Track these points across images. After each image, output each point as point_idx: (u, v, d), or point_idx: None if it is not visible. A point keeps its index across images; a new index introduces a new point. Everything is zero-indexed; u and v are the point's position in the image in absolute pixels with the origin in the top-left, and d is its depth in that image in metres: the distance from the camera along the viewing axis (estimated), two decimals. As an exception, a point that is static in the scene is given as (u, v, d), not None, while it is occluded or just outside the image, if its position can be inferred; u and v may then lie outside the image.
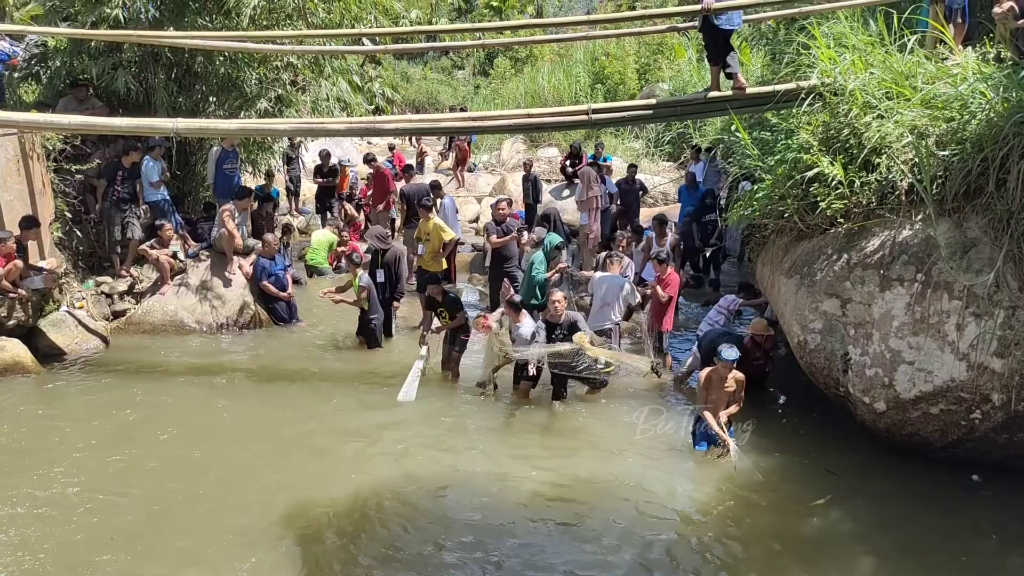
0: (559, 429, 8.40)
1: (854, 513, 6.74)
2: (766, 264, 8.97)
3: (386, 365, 10.08)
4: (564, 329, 8.64)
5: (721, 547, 6.33)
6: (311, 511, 6.61)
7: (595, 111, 9.72)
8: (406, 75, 33.49)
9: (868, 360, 7.24)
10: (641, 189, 15.28)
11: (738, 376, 7.64)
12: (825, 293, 7.54)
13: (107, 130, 10.51)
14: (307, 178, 18.27)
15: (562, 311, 8.69)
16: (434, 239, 11.25)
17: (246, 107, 12.48)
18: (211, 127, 10.76)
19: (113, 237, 11.26)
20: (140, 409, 8.55)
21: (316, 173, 16.33)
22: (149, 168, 11.34)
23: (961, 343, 6.72)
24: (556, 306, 8.69)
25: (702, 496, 7.05)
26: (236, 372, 9.76)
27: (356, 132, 13.29)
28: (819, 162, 7.65)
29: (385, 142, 19.88)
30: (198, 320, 11.04)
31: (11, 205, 9.84)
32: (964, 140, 6.87)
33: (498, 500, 6.91)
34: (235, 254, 11.57)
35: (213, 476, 7.20)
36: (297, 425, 8.34)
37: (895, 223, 7.22)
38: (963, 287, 6.68)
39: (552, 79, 24.37)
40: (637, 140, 21.92)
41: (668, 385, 9.54)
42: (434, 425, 8.48)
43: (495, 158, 22.80)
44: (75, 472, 7.15)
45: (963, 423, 6.95)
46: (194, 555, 6.04)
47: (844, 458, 7.59)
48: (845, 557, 6.17)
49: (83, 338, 10.28)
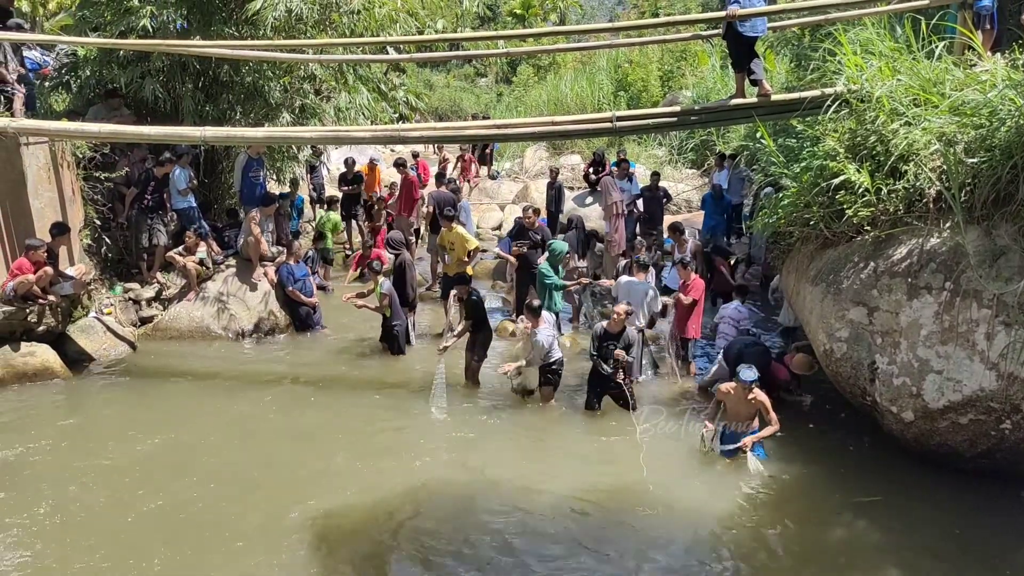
0: (583, 438, 8.37)
1: (882, 523, 6.66)
2: (791, 272, 8.91)
3: (409, 371, 10.13)
4: (621, 342, 8.69)
5: (747, 557, 6.30)
6: (334, 519, 6.65)
7: (619, 118, 9.70)
8: (429, 83, 33.67)
9: (895, 369, 7.17)
10: (665, 196, 15.21)
11: (759, 397, 7.57)
12: (852, 301, 7.48)
13: (136, 138, 10.66)
14: (331, 185, 18.35)
15: (622, 323, 8.72)
16: (458, 248, 11.30)
17: (271, 116, 12.62)
18: (237, 135, 10.86)
19: (140, 244, 11.44)
20: (166, 415, 8.64)
21: (341, 181, 16.40)
22: (177, 176, 11.50)
23: (991, 352, 6.63)
24: (616, 317, 8.72)
25: (727, 505, 7.00)
26: (261, 379, 9.82)
27: (380, 140, 13.33)
28: (845, 169, 7.59)
29: (409, 150, 19.93)
30: (224, 326, 11.14)
31: (42, 212, 9.99)
32: (993, 147, 6.79)
33: (522, 509, 6.90)
34: (260, 260, 11.66)
35: (237, 483, 7.25)
36: (321, 432, 8.38)
37: (923, 231, 7.15)
38: (992, 295, 6.60)
39: (575, 86, 24.39)
40: (660, 147, 21.87)
41: (692, 393, 9.49)
42: (457, 432, 8.50)
43: (518, 165, 22.82)
44: (102, 478, 7.23)
45: (993, 433, 6.86)
46: (217, 562, 6.08)
47: (871, 468, 7.52)
48: (873, 568, 6.11)
49: (111, 344, 10.41)
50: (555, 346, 8.96)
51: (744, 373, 7.45)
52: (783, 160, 9.07)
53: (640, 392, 9.35)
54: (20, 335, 9.41)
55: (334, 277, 14.28)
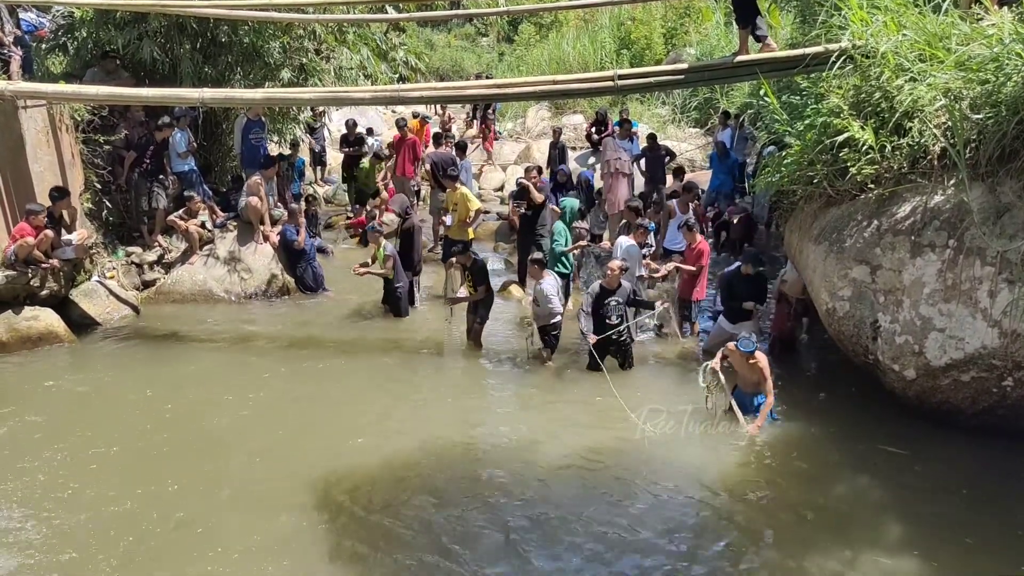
0: (585, 398, 8.40)
1: (883, 481, 6.70)
2: (794, 231, 8.87)
3: (412, 333, 10.16)
4: (619, 296, 8.71)
5: (748, 514, 6.34)
6: (341, 479, 6.70)
7: (621, 77, 9.59)
8: (430, 42, 33.34)
9: (898, 327, 7.16)
10: (667, 155, 15.00)
11: (760, 363, 7.57)
12: (854, 260, 7.45)
13: (134, 100, 10.58)
14: (332, 147, 18.27)
15: (618, 279, 8.74)
16: (461, 209, 11.26)
17: (270, 77, 12.50)
18: (236, 97, 10.77)
19: (141, 207, 11.41)
20: (170, 378, 8.69)
21: (342, 143, 16.30)
22: (176, 139, 11.45)
23: (993, 310, 6.62)
24: (611, 274, 8.75)
25: (730, 464, 7.05)
26: (264, 341, 9.86)
27: (381, 101, 13.23)
28: (849, 127, 7.51)
29: (409, 111, 19.81)
30: (226, 289, 11.16)
31: (41, 176, 9.95)
32: (999, 103, 6.70)
33: (527, 468, 6.96)
34: (261, 223, 11.64)
35: (242, 445, 7.31)
36: (325, 394, 8.43)
37: (927, 188, 7.10)
38: (996, 253, 6.57)
39: (577, 45, 24.10)
40: (663, 106, 21.67)
41: (695, 354, 9.52)
42: (460, 393, 8.56)
43: (520, 126, 22.66)
44: (108, 441, 7.29)
45: (994, 390, 6.88)
46: (223, 526, 6.15)
47: (872, 426, 7.55)
48: (875, 524, 6.15)
49: (114, 307, 10.44)
50: (557, 304, 8.98)
51: (743, 343, 7.44)
52: (787, 118, 8.98)
53: (643, 353, 9.39)
54: (23, 300, 9.43)
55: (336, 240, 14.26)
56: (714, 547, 5.99)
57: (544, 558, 5.77)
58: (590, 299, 8.71)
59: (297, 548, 5.87)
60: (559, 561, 5.73)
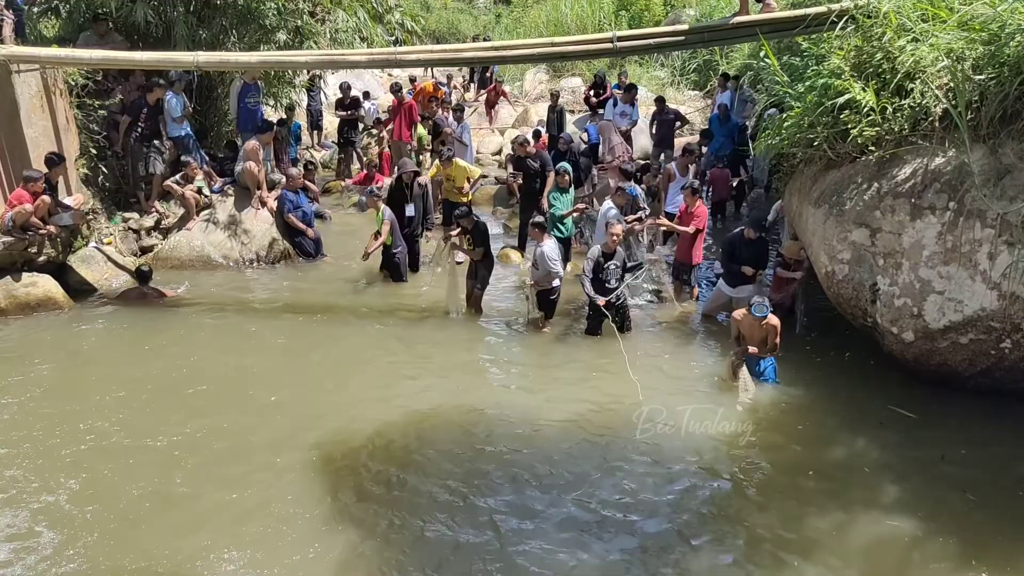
0: (586, 361, 8.44)
1: (881, 443, 6.76)
2: (794, 194, 8.84)
3: (411, 298, 10.17)
4: (616, 260, 8.75)
5: (746, 476, 6.40)
6: (342, 443, 6.74)
7: (620, 39, 9.51)
8: (426, 5, 32.86)
9: (897, 290, 7.17)
10: (677, 118, 14.88)
11: (772, 321, 7.62)
12: (854, 223, 7.43)
13: (128, 64, 10.47)
14: (329, 112, 18.12)
15: (615, 244, 8.77)
16: (458, 179, 11.34)
17: (266, 40, 12.36)
18: (231, 60, 10.66)
19: (138, 173, 11.33)
20: (170, 343, 8.71)
21: (338, 106, 16.17)
22: (172, 103, 11.34)
23: (993, 272, 6.63)
24: (615, 238, 8.76)
25: (729, 427, 7.08)
26: (263, 307, 9.86)
27: (377, 64, 13.11)
28: (850, 88, 7.46)
29: (406, 74, 19.61)
30: (224, 255, 11.13)
31: (36, 141, 9.88)
32: (1002, 63, 6.65)
33: (529, 429, 7.01)
34: (259, 189, 11.58)
35: (242, 410, 7.34)
36: (326, 359, 8.45)
37: (927, 150, 7.07)
38: (996, 215, 6.56)
39: (575, 6, 23.82)
40: (662, 69, 21.49)
41: (694, 318, 9.54)
42: (461, 357, 8.57)
43: (517, 89, 22.48)
44: (107, 407, 7.31)
45: (992, 352, 6.91)
46: (226, 487, 6.19)
47: (871, 390, 7.59)
48: (873, 485, 6.21)
49: (112, 273, 10.43)
50: (558, 266, 8.98)
51: (757, 307, 7.52)
52: (787, 79, 8.91)
53: (642, 317, 9.42)
54: (21, 266, 9.41)
55: (334, 206, 14.19)
56: (710, 509, 6.04)
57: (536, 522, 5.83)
58: (591, 264, 8.71)
59: (292, 506, 5.92)
60: (551, 526, 5.78)
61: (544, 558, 5.43)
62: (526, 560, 5.41)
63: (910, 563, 5.41)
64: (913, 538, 5.60)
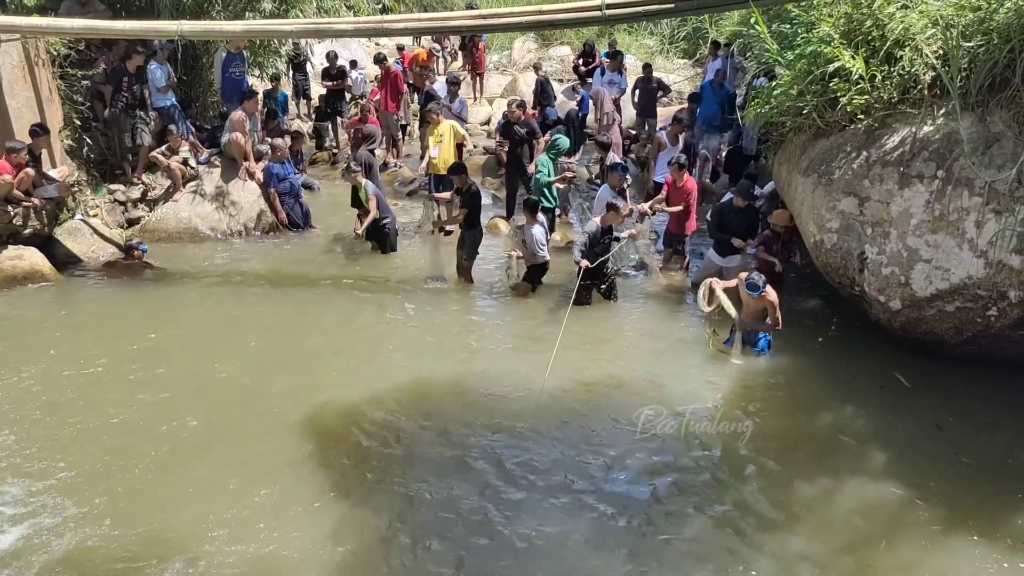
0: (575, 331, 8.43)
1: (868, 410, 6.83)
2: (783, 163, 8.83)
3: (401, 269, 10.14)
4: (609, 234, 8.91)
5: (733, 444, 6.44)
6: (331, 413, 6.77)
7: (609, 6, 9.36)
8: (414, -28, 32.47)
9: (884, 259, 7.20)
10: (660, 88, 14.78)
11: (769, 296, 7.59)
12: (843, 192, 7.44)
13: (110, 34, 10.31)
14: (315, 82, 17.91)
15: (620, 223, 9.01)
16: (447, 140, 11.19)
17: (251, 8, 12.19)
18: (215, 29, 10.52)
19: (124, 144, 11.21)
20: (157, 316, 8.68)
21: (324, 76, 15.99)
22: (155, 73, 11.20)
23: (980, 240, 6.65)
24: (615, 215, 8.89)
25: (717, 395, 7.15)
26: (251, 278, 9.82)
27: (363, 33, 12.95)
28: (840, 56, 7.43)
29: (394, 43, 19.38)
30: (212, 227, 11.06)
31: (19, 112, 9.75)
32: (991, 31, 6.63)
33: (515, 399, 7.05)
34: (245, 159, 11.48)
35: (231, 382, 7.34)
36: (314, 330, 8.45)
37: (916, 118, 7.06)
38: (984, 183, 6.57)
39: (564, -26, 23.55)
40: (651, 37, 21.32)
41: (685, 288, 9.55)
42: (449, 329, 8.58)
43: (506, 58, 22.27)
44: (94, 380, 7.31)
45: (979, 320, 6.95)
46: (215, 462, 6.22)
47: (859, 358, 7.65)
48: (859, 452, 6.29)
49: (99, 246, 10.36)
50: (545, 252, 9.02)
51: (751, 285, 7.47)
52: (777, 47, 8.86)
53: (629, 289, 9.43)
54: (6, 239, 9.34)
55: (322, 176, 14.08)
56: (700, 478, 6.08)
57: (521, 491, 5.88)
58: (587, 238, 8.74)
59: (287, 472, 5.98)
60: (538, 494, 5.83)
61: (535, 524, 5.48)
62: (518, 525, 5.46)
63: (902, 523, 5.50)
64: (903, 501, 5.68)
